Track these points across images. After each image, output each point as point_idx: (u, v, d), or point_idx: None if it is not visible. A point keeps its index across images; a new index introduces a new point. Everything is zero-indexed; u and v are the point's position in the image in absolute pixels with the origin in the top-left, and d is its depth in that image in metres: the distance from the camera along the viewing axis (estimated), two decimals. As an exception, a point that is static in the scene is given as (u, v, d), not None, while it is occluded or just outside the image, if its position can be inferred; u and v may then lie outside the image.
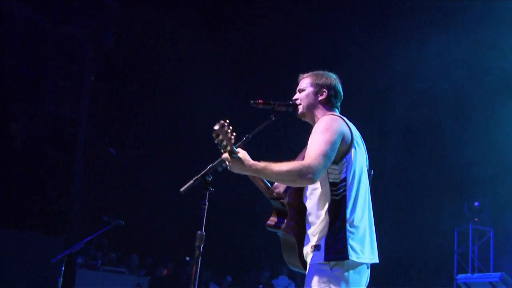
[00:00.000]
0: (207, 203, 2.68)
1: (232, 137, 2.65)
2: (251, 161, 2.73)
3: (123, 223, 5.30)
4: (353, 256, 2.72)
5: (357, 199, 2.84)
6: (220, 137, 2.60)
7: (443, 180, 7.48)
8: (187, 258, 7.26)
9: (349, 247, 2.72)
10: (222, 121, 2.60)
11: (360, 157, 2.94)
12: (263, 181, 3.07)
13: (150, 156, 7.16)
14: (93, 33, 7.43)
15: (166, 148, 7.16)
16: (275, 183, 3.03)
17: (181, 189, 2.71)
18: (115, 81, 7.48)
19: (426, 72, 6.53)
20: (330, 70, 3.17)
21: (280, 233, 2.93)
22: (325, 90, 3.06)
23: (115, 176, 7.22)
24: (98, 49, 7.33)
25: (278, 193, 2.99)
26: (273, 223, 2.97)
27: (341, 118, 2.94)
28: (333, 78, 3.13)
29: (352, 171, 2.86)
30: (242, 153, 2.76)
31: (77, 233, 7.22)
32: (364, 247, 2.79)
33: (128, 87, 7.40)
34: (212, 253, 5.06)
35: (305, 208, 2.91)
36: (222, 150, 2.69)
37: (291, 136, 6.31)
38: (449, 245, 8.10)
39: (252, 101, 3.01)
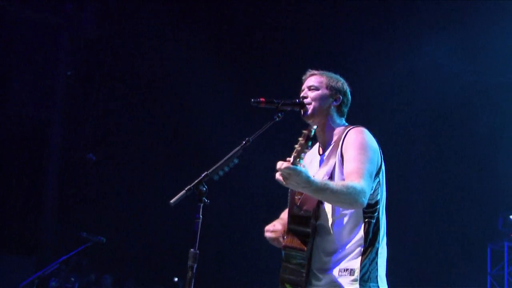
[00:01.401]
0: (201, 216, 2.74)
1: (297, 154, 2.66)
2: (311, 177, 2.71)
3: (104, 240, 5.35)
4: (381, 285, 2.89)
5: (386, 223, 3.01)
6: (301, 150, 2.62)
7: (475, 190, 7.48)
8: (175, 279, 7.29)
9: (379, 274, 2.90)
10: (305, 131, 2.65)
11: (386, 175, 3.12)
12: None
13: (136, 163, 7.19)
14: (70, 20, 7.45)
15: (155, 154, 7.18)
16: (302, 199, 3.07)
17: (171, 201, 2.74)
18: (96, 76, 7.49)
19: (459, 70, 6.55)
20: (338, 68, 3.27)
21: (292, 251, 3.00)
22: (339, 96, 3.18)
23: (95, 186, 7.26)
24: (76, 39, 7.34)
25: (306, 210, 3.03)
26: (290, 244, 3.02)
27: (369, 131, 3.06)
28: (346, 85, 3.25)
29: (384, 191, 3.03)
30: (303, 168, 2.73)
31: (50, 252, 7.24)
32: (384, 276, 2.97)
33: (111, 83, 7.42)
34: (205, 273, 5.11)
35: (325, 228, 2.99)
36: (295, 156, 2.67)
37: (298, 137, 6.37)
38: (481, 264, 8.12)
39: (253, 100, 3.06)
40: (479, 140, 7.46)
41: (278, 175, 2.69)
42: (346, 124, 3.20)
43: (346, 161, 2.95)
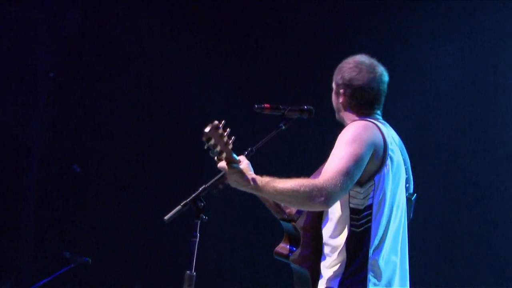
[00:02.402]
0: (198, 234, 2.74)
1: (230, 141, 2.72)
2: (252, 174, 2.78)
3: (90, 260, 5.39)
4: None
5: (385, 235, 2.83)
6: (212, 141, 2.64)
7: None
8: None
9: None
10: (215, 122, 2.65)
11: (395, 178, 2.91)
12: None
13: (125, 174, 7.20)
14: (51, 15, 7.49)
15: (146, 165, 7.20)
16: None
17: (165, 217, 2.77)
18: (80, 77, 7.52)
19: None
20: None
21: (291, 264, 2.95)
22: (342, 90, 3.05)
23: (79, 200, 7.27)
24: (58, 36, 7.38)
25: (289, 214, 3.05)
26: (283, 251, 3.01)
27: (376, 125, 2.90)
28: (354, 70, 3.03)
29: (381, 196, 2.82)
30: (244, 164, 2.83)
31: (28, 273, 7.27)
32: None
33: (98, 85, 7.44)
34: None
35: (322, 235, 2.94)
36: (216, 158, 2.76)
37: (307, 148, 6.40)
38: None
39: (256, 106, 3.09)
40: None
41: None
42: (370, 119, 3.00)
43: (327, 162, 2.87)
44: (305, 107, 3.17)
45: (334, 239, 2.84)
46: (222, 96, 6.80)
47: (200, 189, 2.83)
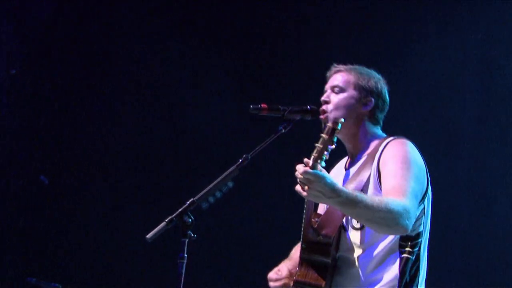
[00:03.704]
0: (186, 255, 2.76)
1: (323, 157, 2.66)
2: (340, 186, 2.72)
3: (61, 287, 5.38)
4: None
5: (427, 265, 3.00)
6: (323, 149, 2.62)
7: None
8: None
9: None
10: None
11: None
12: (312, 213, 3.11)
13: (100, 186, 7.21)
14: (15, 2, 7.48)
15: (125, 174, 7.18)
16: (321, 220, 3.05)
17: (148, 236, 2.79)
18: (50, 75, 7.52)
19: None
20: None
21: None
22: (371, 99, 3.16)
23: (48, 217, 7.28)
24: (23, 26, 7.35)
25: (325, 235, 3.01)
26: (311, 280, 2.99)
27: (413, 144, 3.06)
28: (382, 82, 3.23)
29: (428, 221, 3.02)
30: (328, 174, 2.74)
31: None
32: None
33: (70, 84, 7.42)
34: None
35: (348, 260, 3.00)
36: (315, 157, 2.65)
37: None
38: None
39: (252, 106, 3.09)
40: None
41: (298, 186, 2.66)
42: (384, 134, 3.20)
43: (385, 177, 2.94)
44: (308, 107, 3.17)
45: (384, 270, 2.92)
46: (215, 99, 6.82)
47: (188, 202, 2.84)
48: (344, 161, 3.29)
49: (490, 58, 6.13)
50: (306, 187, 2.64)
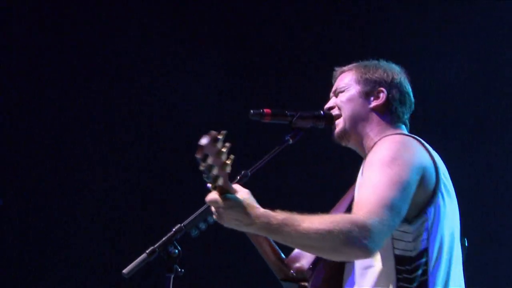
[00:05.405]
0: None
1: (229, 162, 2.50)
2: (260, 209, 2.60)
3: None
4: None
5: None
6: (210, 160, 2.42)
7: None
8: None
9: None
10: (214, 133, 2.46)
11: (453, 213, 2.90)
12: (271, 246, 3.11)
13: (66, 208, 7.22)
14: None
15: (95, 193, 7.19)
16: (295, 252, 3.06)
17: (125, 270, 2.78)
18: (7, 79, 7.54)
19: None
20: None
21: None
22: (382, 89, 3.10)
23: (2, 244, 7.30)
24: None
25: (299, 270, 3.03)
26: None
27: (417, 140, 2.91)
28: (396, 71, 3.17)
29: (439, 237, 2.82)
30: (243, 193, 2.64)
31: None
32: None
33: (34, 91, 7.47)
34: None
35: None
36: (209, 185, 2.55)
37: (320, 167, 6.42)
38: None
39: (252, 111, 3.07)
40: None
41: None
42: (406, 133, 3.10)
43: (358, 189, 2.84)
44: (322, 112, 3.14)
45: None
46: (213, 99, 6.84)
47: (174, 229, 2.82)
48: None
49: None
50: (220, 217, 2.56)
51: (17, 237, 7.41)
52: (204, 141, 2.41)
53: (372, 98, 3.11)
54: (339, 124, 3.11)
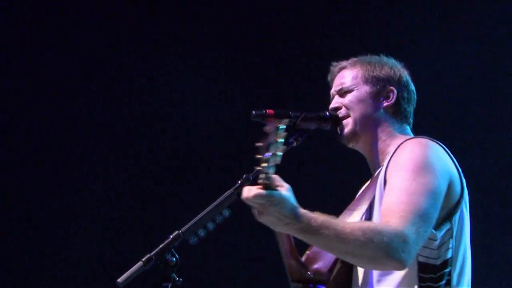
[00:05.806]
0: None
1: (281, 153, 2.44)
2: (301, 209, 2.53)
3: None
4: None
5: None
6: (272, 150, 2.38)
7: None
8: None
9: None
10: (276, 120, 2.43)
11: (468, 219, 2.88)
12: (292, 246, 2.97)
13: (66, 208, 7.19)
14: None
15: (95, 193, 7.17)
16: (310, 253, 2.98)
17: (119, 279, 2.72)
18: (4, 75, 7.50)
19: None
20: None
21: None
22: (392, 89, 3.03)
23: (2, 244, 7.30)
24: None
25: (317, 272, 2.92)
26: None
27: (441, 146, 2.87)
28: (400, 68, 3.11)
29: (463, 247, 2.80)
30: (285, 189, 2.56)
31: None
32: None
33: (30, 85, 7.43)
34: None
35: None
36: (260, 181, 2.47)
37: (323, 169, 6.37)
38: None
39: (254, 112, 2.94)
40: None
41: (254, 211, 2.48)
42: (411, 134, 3.06)
43: (386, 194, 2.76)
44: (327, 113, 3.05)
45: None
46: (210, 97, 6.81)
47: (172, 236, 2.75)
48: None
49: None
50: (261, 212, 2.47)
51: (17, 237, 7.43)
52: (269, 127, 2.39)
53: (382, 98, 3.06)
54: (348, 125, 3.03)
